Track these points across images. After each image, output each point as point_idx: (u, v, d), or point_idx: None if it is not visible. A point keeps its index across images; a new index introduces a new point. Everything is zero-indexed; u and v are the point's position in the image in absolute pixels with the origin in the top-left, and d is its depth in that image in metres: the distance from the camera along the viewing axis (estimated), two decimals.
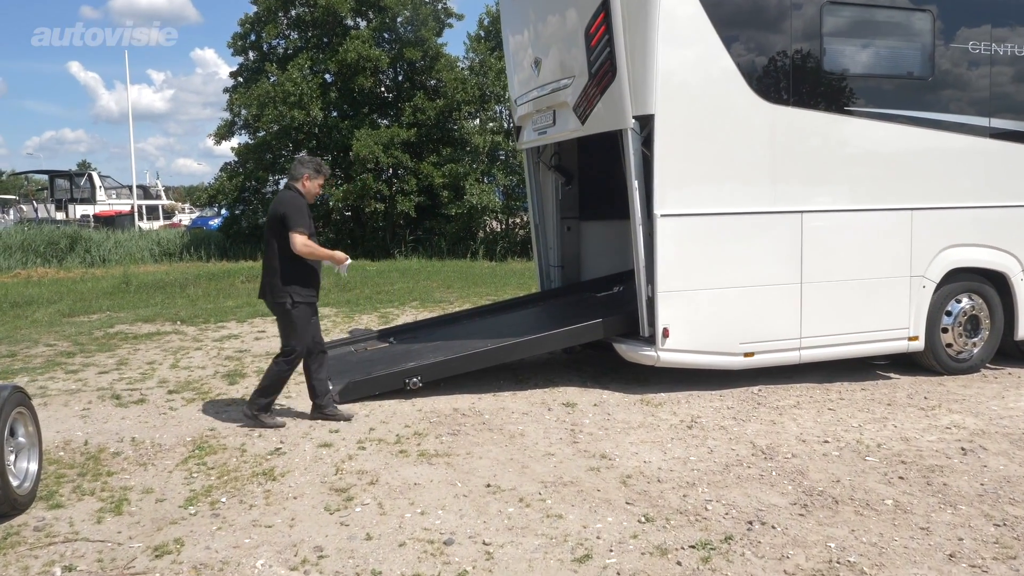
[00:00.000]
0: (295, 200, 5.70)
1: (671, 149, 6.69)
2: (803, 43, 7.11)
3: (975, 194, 7.81)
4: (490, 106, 23.64)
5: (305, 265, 5.69)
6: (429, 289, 14.83)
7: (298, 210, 5.61)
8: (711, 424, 6.00)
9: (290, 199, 5.72)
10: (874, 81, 7.45)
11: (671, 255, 6.78)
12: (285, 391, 6.91)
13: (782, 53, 7.04)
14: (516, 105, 8.61)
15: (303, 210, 5.66)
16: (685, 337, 6.89)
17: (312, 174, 5.79)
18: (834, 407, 6.59)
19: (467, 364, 6.89)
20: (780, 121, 7.05)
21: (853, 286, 7.42)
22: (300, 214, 5.61)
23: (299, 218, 5.59)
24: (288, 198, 5.74)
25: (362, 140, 22.04)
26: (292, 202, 5.68)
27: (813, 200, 7.22)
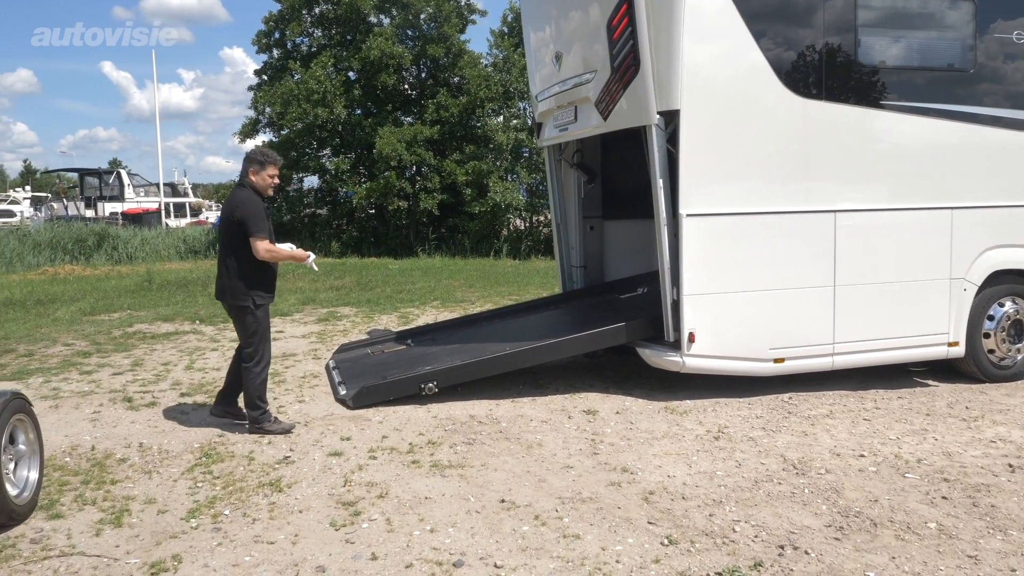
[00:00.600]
0: (251, 202, 5.52)
1: (697, 146, 6.42)
2: (836, 34, 6.80)
3: (1020, 192, 7.45)
4: (514, 103, 23.39)
5: (266, 267, 5.58)
6: (451, 288, 14.64)
7: (256, 214, 5.45)
8: (739, 435, 5.73)
9: (246, 201, 5.53)
10: (911, 74, 7.12)
11: (697, 256, 6.50)
12: (298, 394, 6.76)
13: (814, 45, 6.73)
14: (537, 101, 8.37)
15: (260, 212, 5.50)
16: (712, 342, 6.62)
17: (257, 167, 5.58)
18: (869, 417, 6.28)
19: (485, 369, 6.67)
20: (812, 116, 6.74)
21: (889, 289, 7.10)
22: (258, 217, 5.45)
23: (258, 222, 5.44)
24: (244, 199, 5.54)
25: (385, 138, 21.90)
26: (249, 204, 5.49)
27: (847, 199, 6.91)
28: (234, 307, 5.60)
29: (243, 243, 5.45)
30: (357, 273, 17.21)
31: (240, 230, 5.44)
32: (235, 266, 5.50)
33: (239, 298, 5.53)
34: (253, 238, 5.40)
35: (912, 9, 7.19)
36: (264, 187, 5.61)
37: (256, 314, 5.56)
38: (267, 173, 5.59)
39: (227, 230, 5.54)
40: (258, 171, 5.58)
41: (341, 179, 23.17)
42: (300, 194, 25.00)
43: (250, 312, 5.55)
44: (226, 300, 5.64)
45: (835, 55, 6.78)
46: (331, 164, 23.69)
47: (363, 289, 14.54)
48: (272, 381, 7.24)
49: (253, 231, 5.40)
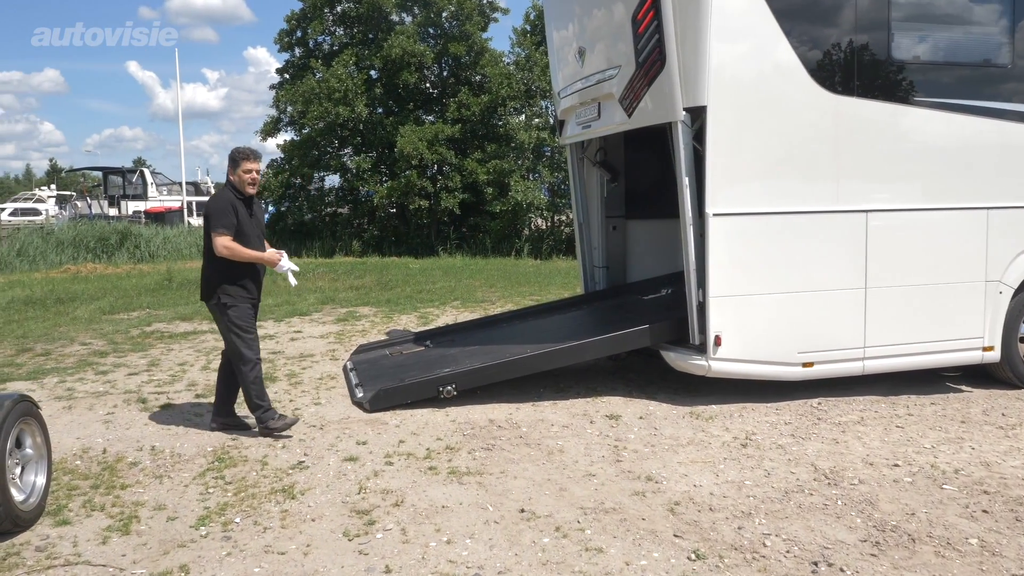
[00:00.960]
0: (219, 198, 5.53)
1: (725, 143, 6.23)
2: (869, 29, 6.57)
3: None
4: (536, 101, 23.21)
5: (239, 266, 5.46)
6: (471, 288, 14.50)
7: (220, 210, 5.41)
8: (767, 442, 5.53)
9: (215, 197, 5.57)
10: (946, 70, 6.88)
11: (724, 257, 6.31)
12: (315, 396, 6.64)
13: (845, 39, 6.51)
14: (559, 98, 8.20)
15: (226, 209, 5.42)
16: (739, 345, 6.42)
17: (232, 166, 5.54)
18: (903, 424, 6.06)
19: (504, 372, 6.51)
20: (844, 112, 6.52)
21: (922, 291, 6.86)
22: (222, 213, 5.39)
23: (220, 218, 5.37)
24: (215, 197, 5.59)
25: (406, 136, 21.80)
26: (215, 201, 5.52)
27: (879, 198, 6.69)
28: (209, 306, 5.58)
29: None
30: (377, 272, 17.12)
31: (207, 225, 5.44)
32: (207, 265, 5.51)
33: (211, 297, 5.51)
34: (213, 233, 5.34)
35: (947, 2, 6.95)
36: (243, 184, 5.53)
37: (229, 314, 5.46)
38: (241, 170, 5.51)
39: (205, 228, 5.54)
40: (233, 170, 5.54)
41: (362, 178, 23.12)
42: (321, 193, 24.98)
43: (223, 311, 5.47)
44: (204, 300, 5.64)
45: (867, 50, 6.55)
46: (352, 163, 23.65)
47: (383, 289, 14.43)
48: (288, 382, 7.14)
49: (213, 225, 5.35)
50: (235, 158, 5.54)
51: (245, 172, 5.51)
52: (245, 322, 5.51)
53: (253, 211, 5.61)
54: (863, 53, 6.55)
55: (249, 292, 5.55)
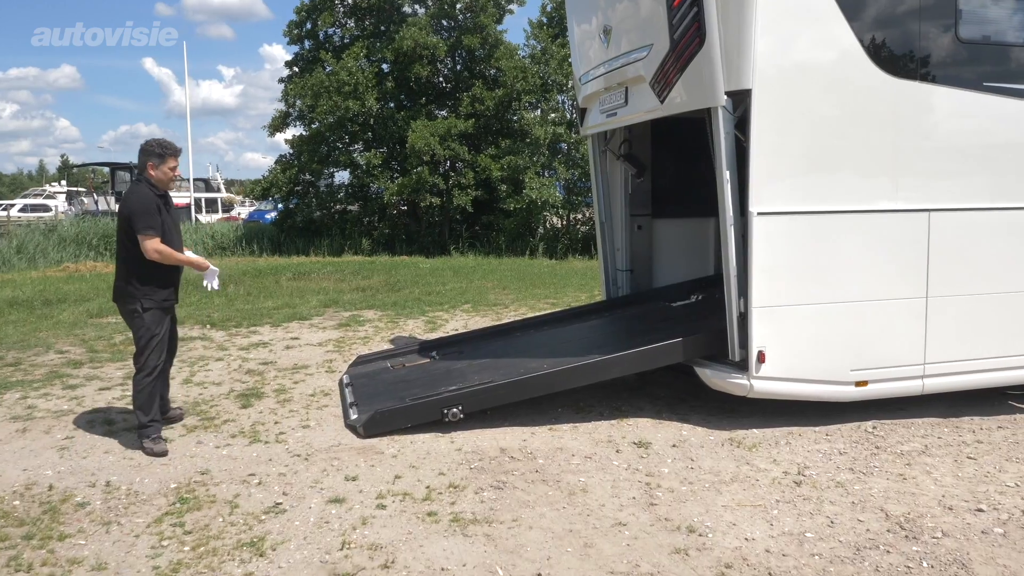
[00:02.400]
0: (141, 197, 5.15)
1: (771, 133, 5.45)
2: (935, 4, 5.76)
3: None
4: (552, 96, 22.40)
5: (159, 268, 5.16)
6: (483, 290, 13.75)
7: (145, 210, 5.08)
8: (824, 478, 4.74)
9: (136, 197, 5.18)
10: (1017, 52, 6.05)
11: (769, 261, 5.53)
12: (304, 417, 5.90)
13: (909, 15, 5.70)
14: (581, 84, 7.41)
15: (150, 208, 5.10)
16: (784, 362, 5.64)
17: (156, 161, 5.20)
18: (974, 454, 5.26)
19: (517, 392, 5.75)
20: (905, 99, 5.72)
21: (989, 301, 6.06)
22: (147, 214, 5.08)
23: (146, 219, 5.06)
24: (134, 195, 5.20)
25: (418, 131, 21.08)
26: (138, 200, 5.14)
27: (943, 196, 5.88)
28: (124, 310, 5.25)
29: (132, 241, 5.08)
30: (386, 272, 16.41)
31: (129, 227, 5.08)
32: (125, 265, 5.19)
33: (127, 301, 5.19)
34: (141, 235, 5.03)
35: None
36: (165, 181, 5.26)
37: (144, 318, 5.15)
38: (167, 166, 5.24)
39: (121, 228, 5.18)
40: (157, 164, 5.20)
41: (372, 174, 22.40)
42: (331, 189, 24.29)
43: (138, 315, 5.15)
44: (118, 302, 5.29)
45: (932, 29, 5.74)
46: (362, 159, 22.94)
47: (391, 290, 13.71)
48: (276, 399, 6.41)
49: (140, 227, 5.04)
50: (161, 153, 5.21)
51: (171, 168, 5.26)
52: (160, 328, 5.23)
53: (169, 208, 5.35)
54: (927, 32, 5.74)
55: (169, 297, 5.31)
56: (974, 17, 5.98)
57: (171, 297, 5.31)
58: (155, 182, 5.21)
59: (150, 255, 5.04)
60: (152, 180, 5.21)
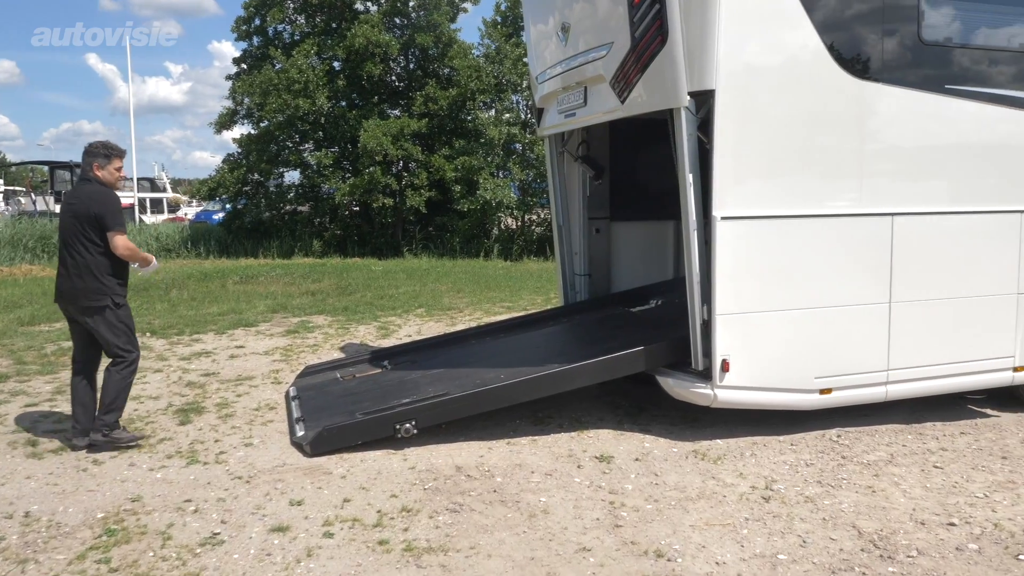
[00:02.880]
0: (109, 197, 5.28)
1: (735, 134, 5.28)
2: (897, 5, 5.67)
3: None
4: (506, 96, 22.15)
5: (121, 264, 5.30)
6: (437, 293, 13.46)
7: (116, 208, 5.28)
8: (792, 493, 4.58)
9: (103, 196, 5.25)
10: (980, 55, 5.99)
11: (733, 268, 5.36)
12: (246, 434, 5.57)
13: (873, 16, 5.59)
14: (538, 83, 7.18)
15: (119, 208, 5.33)
16: (749, 371, 5.48)
17: (102, 161, 5.29)
18: (940, 463, 5.16)
19: (474, 405, 5.49)
20: (870, 101, 5.61)
21: (950, 306, 5.99)
22: (118, 212, 5.30)
23: (117, 216, 5.26)
24: (100, 195, 5.24)
25: (370, 131, 20.66)
26: (107, 200, 5.24)
27: (907, 200, 5.79)
28: (88, 308, 5.19)
29: (100, 239, 5.15)
30: (337, 275, 16.00)
31: (96, 226, 5.14)
32: (89, 264, 5.16)
33: (95, 298, 5.17)
34: (113, 232, 5.15)
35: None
36: (112, 181, 5.35)
37: (118, 313, 5.25)
38: (113, 167, 5.33)
39: (83, 227, 5.16)
40: (104, 165, 5.29)
41: (323, 174, 21.90)
42: (280, 190, 23.70)
43: (111, 311, 5.21)
44: (79, 303, 5.21)
45: (896, 30, 5.64)
46: (313, 158, 22.42)
47: (342, 294, 13.34)
48: (217, 415, 6.06)
49: (113, 226, 5.16)
50: (107, 154, 5.31)
51: (117, 169, 5.36)
52: (131, 321, 5.38)
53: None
54: (891, 33, 5.64)
55: (125, 290, 5.39)
56: (938, 18, 5.90)
57: (126, 291, 5.39)
58: (107, 182, 5.29)
59: (121, 252, 5.16)
60: (102, 180, 5.28)
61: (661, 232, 8.24)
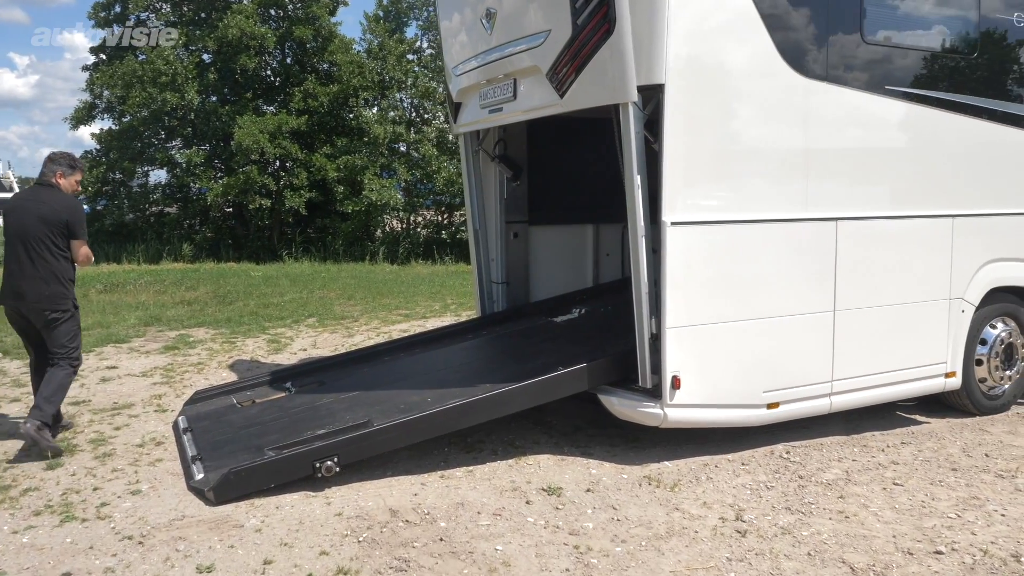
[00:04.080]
0: (78, 207, 5.54)
1: (686, 133, 4.90)
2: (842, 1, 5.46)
3: (1019, 197, 6.42)
4: (392, 93, 21.36)
5: (73, 268, 5.47)
6: (327, 301, 12.61)
7: (83, 218, 5.50)
8: (765, 524, 4.21)
9: (74, 205, 5.47)
10: (917, 56, 5.88)
11: (684, 276, 4.97)
12: (132, 479, 4.72)
13: (819, 11, 5.34)
14: (454, 76, 6.59)
15: (84, 216, 5.56)
16: (699, 387, 5.10)
17: (66, 171, 5.47)
18: (898, 479, 4.96)
19: (404, 436, 4.83)
20: (815, 100, 5.36)
21: (889, 313, 5.85)
22: (84, 222, 5.52)
23: (85, 226, 5.51)
24: (71, 204, 5.43)
25: (246, 128, 19.40)
26: (77, 209, 5.47)
27: (849, 204, 5.59)
28: (54, 313, 5.27)
29: (64, 246, 5.29)
30: (213, 282, 14.81)
31: (66, 232, 5.28)
32: (54, 270, 5.26)
33: (60, 303, 5.29)
34: (80, 241, 5.35)
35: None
36: (71, 192, 5.50)
37: (75, 317, 5.44)
38: (75, 179, 5.52)
39: (49, 233, 5.24)
40: (67, 175, 5.46)
41: (194, 173, 20.42)
42: (145, 190, 21.96)
43: (71, 316, 5.39)
44: (41, 306, 5.25)
45: (840, 28, 5.43)
46: (182, 156, 20.89)
47: (221, 303, 12.26)
48: (93, 454, 5.16)
49: (81, 235, 5.37)
50: (72, 165, 5.51)
51: (77, 182, 5.56)
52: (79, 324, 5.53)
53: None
54: (835, 30, 5.41)
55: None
56: (878, 15, 5.72)
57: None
58: (64, 191, 5.41)
59: (81, 261, 5.38)
60: (65, 189, 5.41)
61: (580, 237, 7.83)
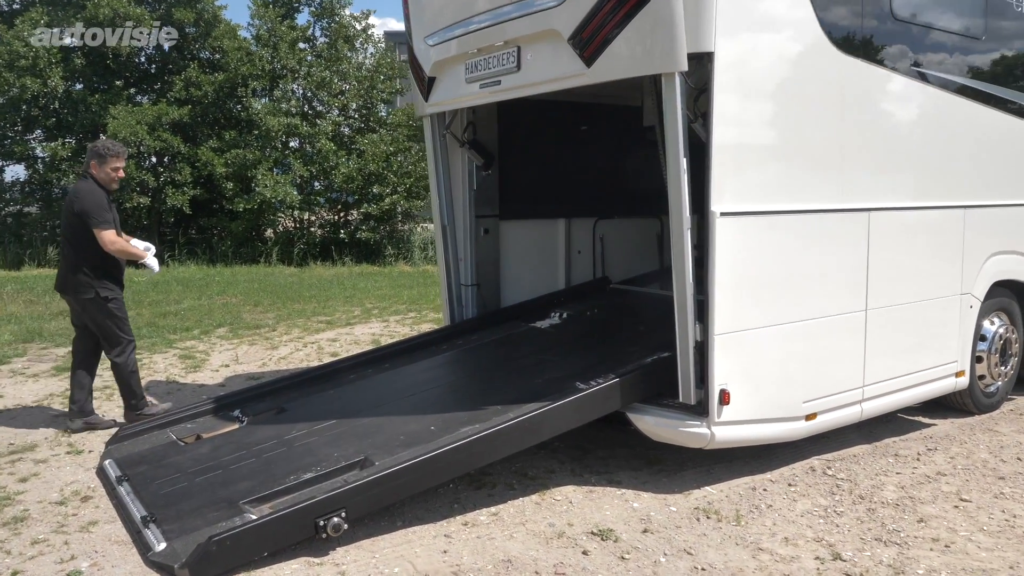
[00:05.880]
0: (91, 193, 5.42)
1: (738, 110, 4.24)
2: None
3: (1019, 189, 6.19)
4: (286, 82, 19.85)
5: (109, 258, 5.47)
6: (232, 308, 11.33)
7: (97, 204, 5.39)
8: (871, 564, 3.60)
9: (86, 192, 5.43)
10: (938, 36, 5.48)
11: (732, 276, 4.32)
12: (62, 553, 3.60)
13: None
14: (428, 47, 5.66)
15: (102, 203, 5.42)
16: (746, 401, 4.46)
17: (98, 161, 5.45)
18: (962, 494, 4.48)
19: (424, 478, 3.90)
20: (851, 79, 4.83)
21: (911, 311, 5.44)
22: (103, 208, 5.40)
23: (102, 213, 5.39)
24: (85, 191, 5.44)
25: (121, 118, 17.50)
26: (89, 196, 5.40)
27: (880, 193, 5.11)
28: (81, 300, 5.49)
29: (84, 236, 5.36)
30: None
31: (80, 223, 5.35)
32: (74, 259, 5.45)
33: (83, 290, 5.44)
34: (97, 230, 5.31)
35: None
36: (108, 181, 5.50)
37: (110, 307, 5.48)
38: (109, 167, 5.46)
39: (70, 224, 5.46)
40: (99, 165, 5.44)
41: (58, 169, 18.27)
42: (0, 187, 19.55)
43: (103, 304, 5.45)
44: (68, 294, 5.58)
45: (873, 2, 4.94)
46: (45, 150, 18.66)
47: None
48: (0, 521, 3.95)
49: (96, 223, 5.32)
50: (103, 153, 5.44)
51: (113, 169, 5.47)
52: (124, 312, 5.61)
53: (112, 206, 5.57)
54: (868, 5, 4.90)
55: (120, 284, 5.63)
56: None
57: (122, 284, 5.64)
58: (101, 181, 5.43)
59: (108, 247, 5.31)
60: (97, 179, 5.42)
61: (552, 233, 7.07)
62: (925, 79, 5.26)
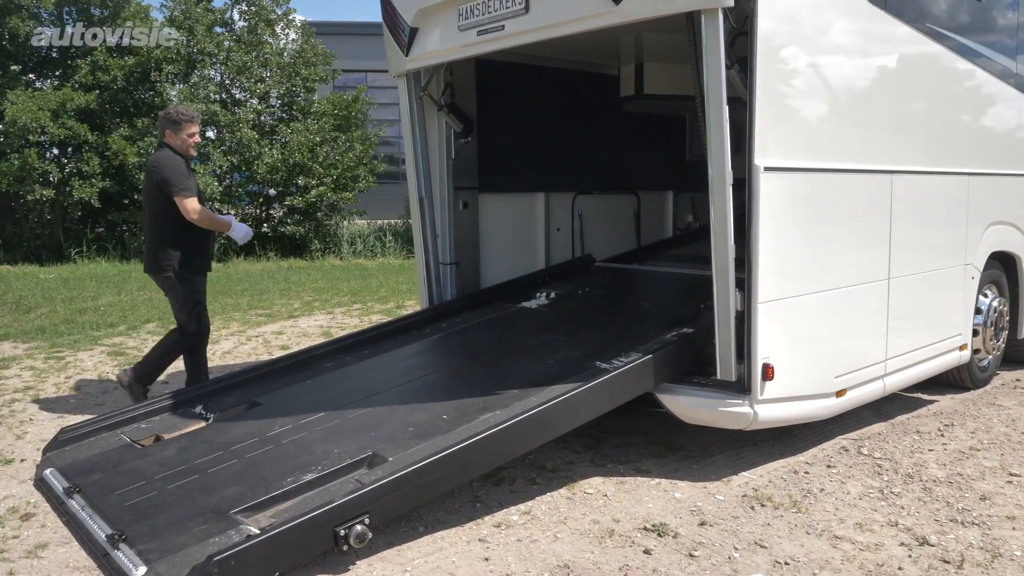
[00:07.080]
0: (171, 161, 5.07)
1: (781, 57, 3.84)
2: None
3: (1017, 159, 6.06)
4: (203, 67, 18.66)
5: (194, 233, 5.10)
6: (156, 304, 10.36)
7: (180, 172, 5.04)
8: (960, 547, 3.24)
9: (166, 160, 5.07)
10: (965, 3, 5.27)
11: (776, 238, 3.91)
12: None
13: None
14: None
15: (184, 171, 5.10)
16: (788, 377, 4.06)
17: (173, 127, 5.12)
18: (1011, 469, 4.20)
19: (456, 473, 3.31)
20: (877, 33, 4.51)
21: (925, 280, 5.19)
22: (183, 175, 5.06)
23: (183, 180, 5.02)
24: (164, 160, 5.08)
25: (21, 104, 16.08)
26: (169, 164, 5.04)
27: (901, 156, 4.82)
28: (160, 279, 5.20)
29: (167, 207, 5.01)
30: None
31: (161, 193, 5.03)
32: (156, 234, 5.19)
33: (164, 268, 5.12)
34: (179, 198, 4.97)
35: None
36: (184, 148, 5.18)
37: (186, 286, 5.12)
38: (185, 133, 5.16)
39: (150, 195, 5.20)
40: (175, 132, 5.11)
41: None
42: None
43: (177, 283, 5.11)
44: (151, 273, 5.28)
45: None
46: None
47: (18, 311, 9.72)
48: None
49: (177, 191, 4.97)
50: (177, 120, 5.14)
51: (189, 135, 5.21)
52: (199, 295, 5.22)
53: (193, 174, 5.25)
54: None
55: (206, 261, 5.31)
56: None
57: (209, 262, 5.33)
58: (179, 149, 5.14)
59: (191, 216, 5.01)
60: (174, 147, 5.13)
61: (531, 208, 6.56)
62: (945, 41, 5.00)
